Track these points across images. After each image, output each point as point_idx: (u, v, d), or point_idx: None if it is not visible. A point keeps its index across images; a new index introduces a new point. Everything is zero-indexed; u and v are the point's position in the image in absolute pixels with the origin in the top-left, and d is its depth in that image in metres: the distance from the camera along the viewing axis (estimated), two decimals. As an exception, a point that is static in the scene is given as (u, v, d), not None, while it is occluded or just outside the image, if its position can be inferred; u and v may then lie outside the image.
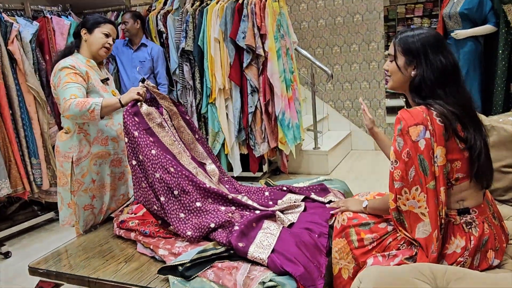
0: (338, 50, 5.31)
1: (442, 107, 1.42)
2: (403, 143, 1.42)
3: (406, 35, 1.53)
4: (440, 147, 1.39)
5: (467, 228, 1.45)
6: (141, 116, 2.10)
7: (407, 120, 1.42)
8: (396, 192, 1.44)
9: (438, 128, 1.40)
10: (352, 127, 5.38)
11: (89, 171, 2.30)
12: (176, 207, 1.94)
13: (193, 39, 3.80)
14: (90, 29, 2.32)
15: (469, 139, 1.41)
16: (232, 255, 1.72)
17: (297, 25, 5.41)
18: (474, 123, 1.45)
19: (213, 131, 3.86)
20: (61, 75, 2.17)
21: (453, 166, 1.43)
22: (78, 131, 2.26)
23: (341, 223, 1.75)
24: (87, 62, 2.31)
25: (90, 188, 2.33)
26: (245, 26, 3.57)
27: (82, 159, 2.28)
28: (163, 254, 1.85)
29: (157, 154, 1.98)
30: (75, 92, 2.12)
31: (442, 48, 1.48)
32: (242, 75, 3.71)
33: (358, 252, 1.64)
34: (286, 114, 3.74)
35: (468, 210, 1.46)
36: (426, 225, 1.41)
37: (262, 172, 4.23)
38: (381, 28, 5.09)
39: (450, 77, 1.46)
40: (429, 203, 1.40)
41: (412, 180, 1.41)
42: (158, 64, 3.79)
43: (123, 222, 2.15)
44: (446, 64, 1.46)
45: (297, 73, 4.06)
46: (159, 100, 2.29)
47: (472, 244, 1.43)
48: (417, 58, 1.49)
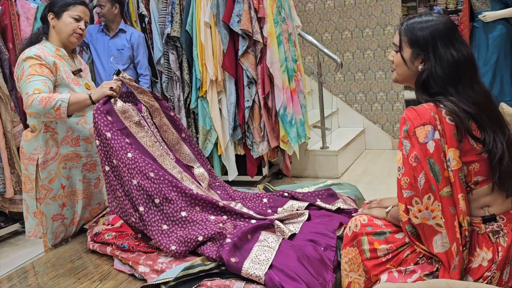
0: (348, 35, 5.31)
1: (454, 104, 1.42)
2: (410, 145, 1.42)
3: (413, 23, 1.53)
4: (452, 149, 1.40)
5: (494, 237, 1.44)
6: (115, 115, 2.09)
7: (413, 120, 1.43)
8: (406, 203, 1.45)
9: (448, 128, 1.40)
10: (365, 123, 5.38)
11: (57, 176, 2.29)
12: (158, 218, 1.93)
13: (180, 23, 3.80)
14: (58, 13, 2.30)
15: (486, 140, 1.42)
16: (224, 271, 1.71)
17: (301, 6, 5.41)
18: (494, 123, 1.45)
19: (204, 129, 3.86)
20: (24, 66, 2.16)
21: (470, 169, 1.44)
22: (45, 130, 2.26)
23: (353, 230, 1.74)
24: (56, 51, 2.30)
25: (59, 195, 2.31)
26: (240, 8, 3.57)
27: (49, 161, 2.27)
28: (144, 271, 1.85)
29: (134, 158, 1.97)
30: (39, 86, 2.11)
31: (454, 39, 1.48)
32: (237, 64, 3.71)
33: (370, 264, 1.63)
34: (288, 109, 3.74)
35: (494, 217, 1.46)
36: (444, 237, 1.41)
37: (262, 176, 4.23)
38: (399, 10, 5.09)
39: (463, 73, 1.46)
40: (444, 212, 1.40)
41: (422, 187, 1.41)
42: (138, 53, 3.79)
43: (98, 234, 2.14)
44: (458, 58, 1.46)
45: (301, 62, 4.05)
46: (137, 95, 2.28)
47: (500, 256, 1.42)
48: (425, 51, 1.49)
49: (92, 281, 1.88)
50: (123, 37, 3.75)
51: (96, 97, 2.11)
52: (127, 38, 3.76)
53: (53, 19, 2.31)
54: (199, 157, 2.36)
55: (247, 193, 2.34)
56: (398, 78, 1.61)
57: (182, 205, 1.96)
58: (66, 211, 2.36)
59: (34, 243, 3.45)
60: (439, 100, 1.44)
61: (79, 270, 1.99)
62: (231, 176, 3.93)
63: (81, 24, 2.32)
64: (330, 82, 5.45)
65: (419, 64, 1.51)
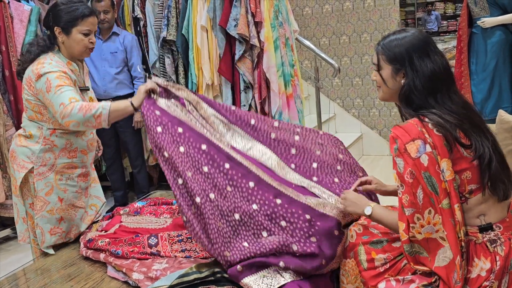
0: (346, 40, 5.33)
1: (437, 116, 1.46)
2: (404, 162, 1.44)
3: (388, 41, 1.60)
4: (445, 160, 1.42)
5: (491, 247, 1.45)
6: (161, 109, 2.02)
7: (401, 137, 1.46)
8: (408, 221, 1.45)
9: (437, 140, 1.43)
10: (363, 128, 5.39)
11: (54, 188, 2.24)
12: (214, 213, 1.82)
13: (176, 27, 3.80)
14: (66, 28, 2.17)
15: (475, 146, 1.45)
16: (219, 279, 1.71)
17: (299, 11, 5.43)
18: (478, 130, 1.49)
19: (199, 134, 3.85)
20: (49, 78, 2.08)
21: (463, 178, 1.46)
22: (43, 143, 2.21)
23: (349, 240, 1.74)
24: (68, 65, 2.22)
25: (57, 209, 2.25)
26: (237, 12, 3.58)
27: (46, 173, 2.22)
28: (138, 278, 1.84)
29: (187, 151, 1.90)
30: (73, 95, 2.07)
31: (429, 51, 1.54)
32: (233, 69, 3.71)
33: (368, 274, 1.63)
34: (284, 114, 3.74)
35: (491, 226, 1.47)
36: (447, 251, 1.42)
37: (258, 182, 4.22)
38: (397, 15, 5.11)
39: (441, 83, 1.51)
40: (445, 224, 1.41)
41: (422, 202, 1.42)
42: (132, 55, 3.80)
43: (91, 241, 2.13)
44: (435, 68, 1.51)
45: (298, 66, 4.06)
46: (175, 92, 2.16)
47: (498, 265, 1.43)
48: (403, 66, 1.54)
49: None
50: (116, 40, 3.76)
51: (138, 102, 2.07)
52: (120, 41, 3.77)
53: (61, 34, 2.19)
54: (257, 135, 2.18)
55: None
56: (383, 96, 1.66)
57: (236, 204, 1.84)
58: (64, 224, 2.30)
59: (26, 248, 3.42)
60: (422, 114, 1.49)
61: (71, 277, 1.98)
62: (226, 181, 3.92)
63: (91, 37, 2.22)
64: (328, 87, 5.46)
65: (401, 79, 1.56)
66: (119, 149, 4.09)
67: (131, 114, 2.14)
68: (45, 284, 1.95)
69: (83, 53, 2.24)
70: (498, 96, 3.81)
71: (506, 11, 3.68)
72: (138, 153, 4.03)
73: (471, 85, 3.90)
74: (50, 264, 2.14)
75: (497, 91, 3.80)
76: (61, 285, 1.92)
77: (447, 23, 9.72)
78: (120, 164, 4.11)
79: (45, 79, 2.09)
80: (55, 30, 2.19)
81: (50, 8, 2.25)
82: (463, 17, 3.90)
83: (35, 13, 3.55)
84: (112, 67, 3.75)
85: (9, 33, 3.47)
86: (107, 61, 3.75)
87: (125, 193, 4.12)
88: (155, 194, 2.95)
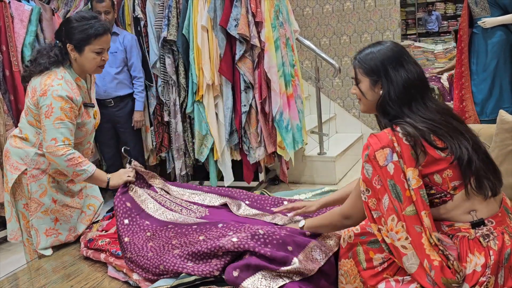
0: (347, 40, 5.33)
1: (409, 124, 1.51)
2: (372, 169, 1.50)
3: (364, 54, 1.66)
4: (411, 169, 1.47)
5: (485, 242, 1.46)
6: (133, 200, 2.16)
7: (373, 145, 1.51)
8: (377, 222, 1.51)
9: (405, 149, 1.48)
10: (363, 128, 5.39)
11: (48, 190, 2.25)
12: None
13: (176, 27, 3.80)
14: (79, 47, 2.15)
15: (452, 148, 1.49)
16: (219, 279, 1.70)
17: (299, 11, 5.43)
18: (455, 132, 1.52)
19: (200, 134, 3.86)
20: (54, 105, 2.08)
21: (444, 176, 1.49)
22: (40, 147, 2.21)
23: (347, 241, 1.74)
24: (76, 81, 2.22)
25: (52, 210, 2.26)
26: (238, 12, 3.58)
27: (40, 175, 2.24)
28: (138, 278, 1.84)
29: (153, 235, 2.02)
30: (68, 135, 2.12)
31: (404, 61, 1.59)
32: (234, 69, 3.72)
33: (367, 274, 1.64)
34: (285, 115, 3.74)
35: (483, 221, 1.49)
36: (411, 258, 1.44)
37: (258, 182, 4.23)
38: (397, 15, 5.11)
39: (415, 92, 1.57)
40: (409, 231, 1.44)
41: (386, 209, 1.48)
42: (132, 55, 3.81)
43: (91, 241, 2.14)
44: (409, 77, 1.57)
45: (299, 66, 4.06)
46: (148, 180, 2.36)
47: (493, 260, 1.44)
48: (380, 77, 1.60)
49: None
50: (116, 40, 3.77)
51: (114, 184, 2.20)
52: (120, 41, 3.77)
53: (73, 51, 2.17)
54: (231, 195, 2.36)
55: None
56: (364, 108, 1.71)
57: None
58: (60, 226, 2.29)
59: (26, 249, 3.43)
60: (395, 123, 1.53)
61: (72, 277, 1.98)
62: (227, 182, 3.92)
63: (104, 55, 2.21)
64: (328, 87, 5.46)
65: (380, 90, 1.61)
66: (119, 149, 4.10)
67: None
68: (45, 284, 1.95)
69: (95, 71, 2.25)
70: (498, 96, 3.80)
71: (506, 11, 3.67)
72: (138, 153, 4.04)
73: (472, 85, 3.90)
74: (50, 264, 2.14)
75: (498, 91, 3.80)
76: (61, 285, 1.92)
77: (447, 23, 9.73)
78: (120, 164, 4.11)
79: (49, 102, 2.09)
80: (68, 47, 2.17)
81: (63, 22, 2.23)
82: (464, 17, 3.89)
83: (36, 13, 3.55)
84: (112, 67, 3.75)
85: (10, 33, 3.47)
86: (107, 61, 3.74)
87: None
88: (156, 194, 2.95)
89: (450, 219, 1.52)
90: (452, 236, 1.50)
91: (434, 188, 1.50)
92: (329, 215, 1.78)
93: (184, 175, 4.09)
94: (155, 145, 4.11)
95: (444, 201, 1.51)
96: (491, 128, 2.34)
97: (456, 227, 1.50)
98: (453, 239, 1.50)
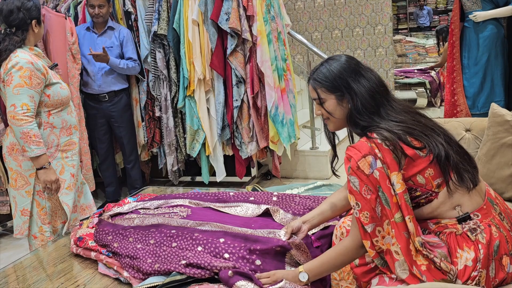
0: (339, 34, 5.31)
1: (385, 130, 1.49)
2: (358, 180, 1.46)
3: (320, 72, 1.61)
4: (395, 173, 1.45)
5: (472, 235, 1.46)
6: (112, 224, 2.16)
7: (354, 156, 1.48)
8: (370, 237, 1.46)
9: (387, 153, 1.46)
10: (355, 124, 5.39)
11: (64, 166, 2.52)
12: None
13: (167, 21, 3.77)
14: (39, 19, 2.48)
15: (430, 147, 1.48)
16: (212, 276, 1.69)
17: (291, 5, 5.41)
18: (426, 129, 1.52)
19: (191, 129, 3.83)
20: (13, 73, 2.32)
21: (427, 176, 1.49)
22: (44, 127, 2.44)
23: (339, 237, 1.74)
24: (30, 50, 2.45)
25: (72, 184, 2.54)
26: (229, 6, 3.56)
27: (54, 154, 2.49)
28: (129, 275, 1.82)
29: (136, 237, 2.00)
30: (26, 101, 2.32)
31: (361, 70, 1.58)
32: (225, 63, 3.70)
33: (359, 271, 1.63)
34: (280, 109, 3.73)
35: (468, 216, 1.49)
36: (402, 264, 1.43)
37: (250, 177, 4.21)
38: (389, 9, 5.11)
39: (380, 97, 1.56)
40: (398, 238, 1.42)
41: (381, 215, 1.45)
42: (128, 49, 3.80)
43: (81, 239, 2.11)
44: (371, 85, 1.56)
45: (290, 61, 4.05)
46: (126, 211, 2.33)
47: (482, 254, 1.44)
48: (344, 92, 1.57)
49: (76, 285, 1.85)
50: (112, 35, 3.74)
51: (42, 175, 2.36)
52: (116, 35, 3.74)
53: (37, 26, 2.48)
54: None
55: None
56: (335, 126, 1.67)
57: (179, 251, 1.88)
58: (78, 198, 2.62)
59: (16, 245, 3.40)
60: (370, 131, 1.51)
61: (62, 274, 1.96)
62: (219, 177, 3.91)
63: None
64: (320, 81, 5.45)
65: (347, 104, 1.58)
66: (112, 145, 4.07)
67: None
68: (36, 280, 1.92)
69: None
70: (490, 90, 3.81)
71: (498, 5, 3.68)
72: (132, 148, 4.01)
73: (463, 79, 3.91)
74: (40, 261, 2.12)
75: (489, 85, 3.81)
76: (52, 282, 1.90)
77: (438, 17, 9.75)
78: (112, 160, 4.08)
79: (10, 72, 2.33)
80: (33, 24, 2.46)
81: (18, 8, 2.44)
82: (455, 11, 3.89)
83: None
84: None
85: None
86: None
87: (116, 189, 4.09)
88: (148, 190, 2.92)
89: (436, 216, 1.52)
90: (440, 233, 1.50)
91: (419, 190, 1.49)
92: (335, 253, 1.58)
93: (176, 171, 4.06)
94: (147, 140, 4.08)
95: (430, 200, 1.51)
96: (483, 122, 2.34)
97: (442, 224, 1.50)
98: (440, 236, 1.49)
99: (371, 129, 1.52)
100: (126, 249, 1.90)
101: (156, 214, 2.20)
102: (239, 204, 2.18)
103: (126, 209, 2.31)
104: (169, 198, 2.37)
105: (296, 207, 2.09)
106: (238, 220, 2.05)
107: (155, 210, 2.27)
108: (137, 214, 2.24)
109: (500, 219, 1.52)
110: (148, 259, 1.81)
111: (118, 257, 1.91)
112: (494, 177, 2.15)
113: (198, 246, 1.82)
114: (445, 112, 4.05)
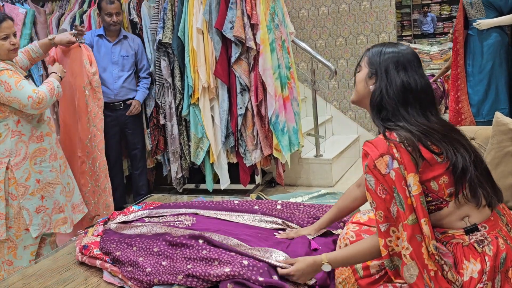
0: (343, 42, 5.33)
1: (403, 129, 1.48)
2: (374, 179, 1.46)
3: (377, 47, 1.63)
4: (412, 174, 1.43)
5: (479, 247, 1.45)
6: (115, 233, 2.17)
7: (371, 153, 1.47)
8: (384, 236, 1.46)
9: (405, 154, 1.44)
10: (360, 130, 5.39)
11: (31, 173, 2.60)
12: None
13: (172, 29, 3.79)
14: None
15: (447, 153, 1.46)
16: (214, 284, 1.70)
17: (295, 13, 5.43)
18: (456, 142, 1.50)
19: (196, 136, 3.85)
20: (3, 79, 2.43)
21: (441, 183, 1.47)
22: (12, 135, 2.54)
23: (344, 248, 1.73)
24: (2, 62, 2.51)
25: (37, 189, 2.63)
26: (233, 15, 3.58)
27: (22, 162, 2.57)
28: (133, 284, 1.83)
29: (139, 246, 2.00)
30: (33, 87, 2.49)
31: (409, 67, 1.56)
32: (230, 71, 3.71)
33: (364, 282, 1.63)
34: (281, 117, 3.74)
35: (476, 227, 1.47)
36: (410, 268, 1.41)
37: (254, 185, 4.22)
38: (393, 17, 5.12)
39: (413, 98, 1.53)
40: (410, 241, 1.41)
41: (396, 216, 1.43)
42: (143, 58, 3.88)
43: (86, 247, 2.12)
44: (409, 84, 1.53)
45: (294, 69, 4.06)
46: (132, 219, 2.35)
47: (489, 266, 1.42)
48: (377, 72, 1.57)
49: (81, 293, 1.86)
50: (127, 44, 3.78)
51: (58, 39, 2.85)
52: (131, 44, 3.79)
53: None
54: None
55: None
56: (354, 97, 1.68)
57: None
58: (46, 202, 2.67)
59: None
60: (389, 129, 1.50)
61: (67, 282, 1.96)
62: (223, 184, 3.91)
63: (12, 39, 2.50)
64: (324, 89, 5.46)
65: (372, 85, 1.58)
66: (121, 151, 4.09)
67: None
68: (40, 289, 1.93)
69: (9, 55, 2.53)
70: (494, 97, 3.81)
71: (502, 13, 3.68)
72: (142, 154, 4.05)
73: (468, 87, 3.91)
74: (46, 268, 2.12)
75: (494, 93, 3.81)
76: (56, 290, 1.91)
77: (442, 24, 9.75)
78: (121, 166, 4.10)
79: (0, 81, 2.43)
80: None
81: None
82: (459, 19, 3.90)
83: (30, 16, 3.54)
84: (124, 71, 3.78)
85: (4, 36, 3.45)
86: (118, 65, 3.76)
87: (122, 195, 4.11)
88: (153, 198, 2.93)
89: (443, 226, 1.50)
90: (446, 243, 1.48)
91: (430, 195, 1.48)
92: (362, 248, 1.57)
93: (180, 178, 4.07)
94: (151, 147, 4.10)
95: (440, 208, 1.49)
96: (487, 130, 2.34)
97: (449, 234, 1.48)
98: (447, 246, 1.48)
99: (391, 127, 1.51)
100: (128, 258, 1.91)
101: (161, 223, 2.21)
102: (243, 214, 2.18)
103: (132, 217, 2.33)
104: (174, 207, 2.38)
105: (301, 215, 2.10)
106: (243, 228, 2.05)
107: (160, 218, 2.28)
108: (142, 222, 2.25)
109: (507, 230, 1.50)
110: (147, 268, 1.81)
111: (120, 265, 1.92)
112: (499, 186, 2.15)
113: (200, 254, 1.83)
114: (449, 120, 4.05)
